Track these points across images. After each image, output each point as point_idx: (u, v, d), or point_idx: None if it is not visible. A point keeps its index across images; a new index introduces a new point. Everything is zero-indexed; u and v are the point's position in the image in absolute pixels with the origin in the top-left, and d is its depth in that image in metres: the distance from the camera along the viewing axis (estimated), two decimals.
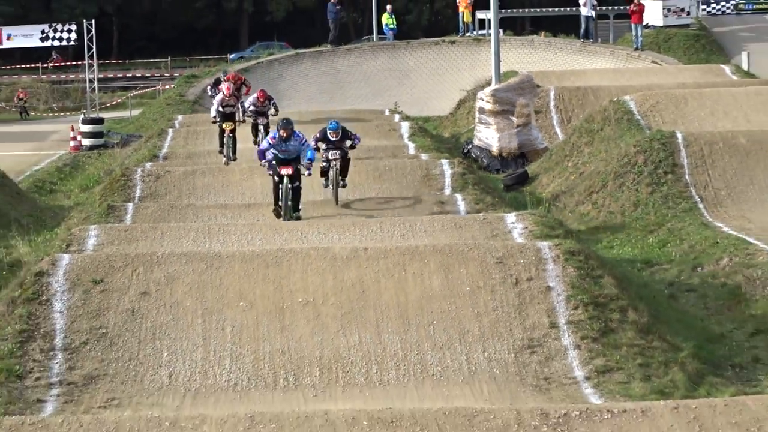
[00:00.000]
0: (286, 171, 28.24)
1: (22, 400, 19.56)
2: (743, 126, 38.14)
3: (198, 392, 20.07)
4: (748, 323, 23.26)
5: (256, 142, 36.70)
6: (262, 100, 37.65)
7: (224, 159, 36.70)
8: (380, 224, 27.26)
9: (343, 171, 33.99)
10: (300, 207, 32.70)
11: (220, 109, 36.32)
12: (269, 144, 31.80)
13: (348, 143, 33.89)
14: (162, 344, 21.18)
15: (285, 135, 31.92)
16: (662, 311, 22.87)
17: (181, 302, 21.75)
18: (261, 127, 37.74)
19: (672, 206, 32.31)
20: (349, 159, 34.16)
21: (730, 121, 38.96)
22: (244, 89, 38.28)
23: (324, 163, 33.80)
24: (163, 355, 20.95)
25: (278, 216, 31.73)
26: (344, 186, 33.31)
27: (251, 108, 38.29)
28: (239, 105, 38.12)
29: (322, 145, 33.06)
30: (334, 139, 33.36)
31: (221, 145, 36.50)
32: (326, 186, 33.29)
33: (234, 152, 37.13)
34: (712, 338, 22.35)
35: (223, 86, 36.76)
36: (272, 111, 38.63)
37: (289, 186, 32.03)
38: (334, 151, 33.18)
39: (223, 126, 35.19)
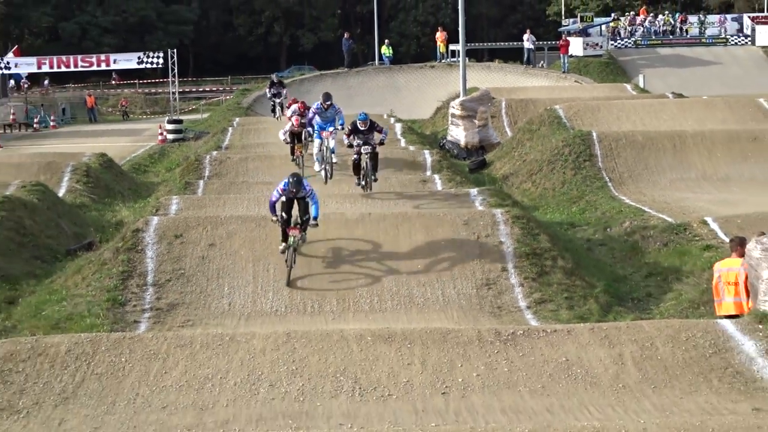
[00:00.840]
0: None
1: (123, 321, 19.99)
2: (639, 127, 38.48)
3: (249, 316, 20.43)
4: (643, 269, 23.45)
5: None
6: (302, 110, 34.04)
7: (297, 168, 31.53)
8: (381, 197, 27.49)
9: (374, 166, 29.47)
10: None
11: (287, 134, 32.63)
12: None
13: (377, 137, 29.28)
14: (224, 281, 21.52)
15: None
16: (582, 260, 23.24)
17: (238, 251, 22.01)
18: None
19: (589, 184, 32.65)
20: (378, 153, 29.59)
21: (630, 124, 39.34)
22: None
23: (355, 156, 29.11)
24: (224, 289, 21.31)
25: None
26: (375, 180, 29.33)
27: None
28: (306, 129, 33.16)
29: (354, 140, 28.58)
30: (363, 128, 28.85)
31: (293, 157, 32.84)
32: (358, 184, 29.01)
33: (303, 165, 32.43)
34: (617, 279, 22.71)
35: (293, 119, 33.07)
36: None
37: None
38: (366, 147, 28.64)
39: (295, 148, 32.22)
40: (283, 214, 21.77)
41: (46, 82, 67.85)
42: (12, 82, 69.36)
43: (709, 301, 19.10)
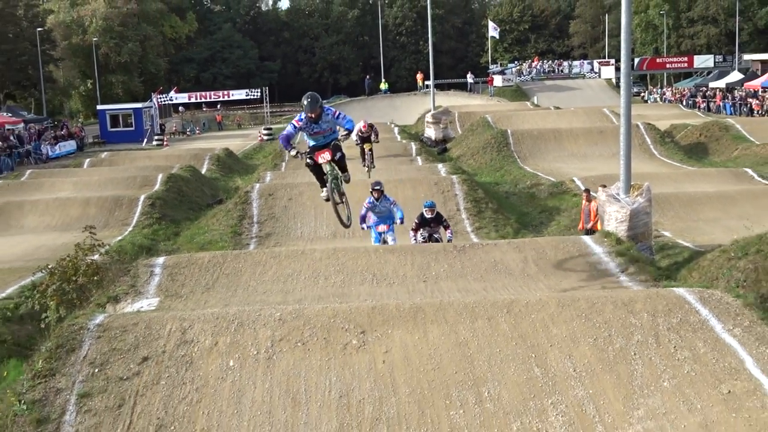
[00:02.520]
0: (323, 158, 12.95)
1: (239, 244, 20.22)
2: (535, 127, 38.55)
3: (312, 239, 20.52)
4: (538, 208, 23.56)
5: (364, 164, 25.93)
6: (365, 129, 25.88)
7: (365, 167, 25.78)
8: (386, 171, 27.27)
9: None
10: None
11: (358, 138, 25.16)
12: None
13: (443, 235, 16.62)
14: (297, 220, 21.48)
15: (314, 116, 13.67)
16: (502, 203, 23.36)
17: (305, 203, 21.87)
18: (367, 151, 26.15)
19: (505, 160, 32.62)
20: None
21: (529, 125, 39.35)
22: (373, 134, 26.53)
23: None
24: (297, 224, 21.31)
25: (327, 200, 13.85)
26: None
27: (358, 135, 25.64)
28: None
29: (421, 232, 16.44)
30: (429, 217, 16.43)
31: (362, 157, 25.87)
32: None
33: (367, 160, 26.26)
34: (523, 214, 22.77)
35: (359, 124, 24.81)
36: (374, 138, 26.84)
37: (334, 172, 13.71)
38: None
39: (363, 146, 25.53)
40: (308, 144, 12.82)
41: (181, 108, 67.66)
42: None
43: (575, 225, 19.23)
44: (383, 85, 70.92)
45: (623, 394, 8.39)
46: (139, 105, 61.48)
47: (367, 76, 73.43)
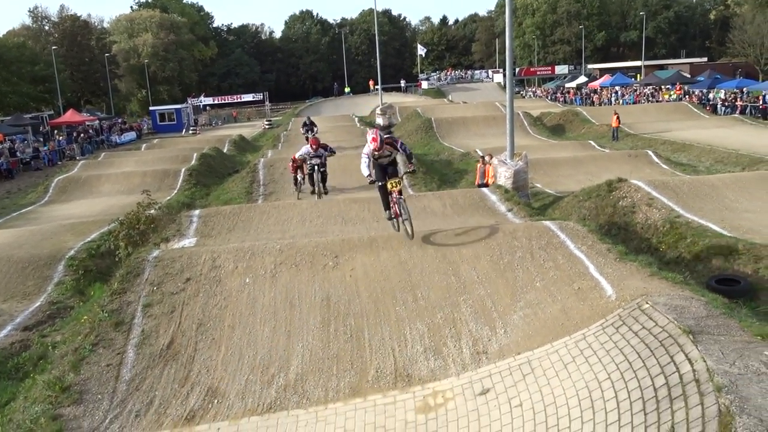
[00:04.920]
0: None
1: (251, 200, 19.59)
2: (450, 115, 38.20)
3: (302, 197, 20.18)
4: (453, 170, 23.24)
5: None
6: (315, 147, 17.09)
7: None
8: (351, 150, 27.00)
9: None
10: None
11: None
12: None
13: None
14: (289, 183, 21.11)
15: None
16: (429, 168, 22.86)
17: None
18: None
19: (432, 139, 32.37)
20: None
21: (447, 114, 38.93)
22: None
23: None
24: (291, 186, 21.01)
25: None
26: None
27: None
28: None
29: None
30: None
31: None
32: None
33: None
34: (442, 175, 22.19)
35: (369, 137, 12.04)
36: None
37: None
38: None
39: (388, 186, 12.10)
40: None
41: (208, 107, 66.50)
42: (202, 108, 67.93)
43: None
44: (347, 89, 70.44)
45: (510, 292, 8.46)
46: (179, 106, 60.45)
47: (335, 83, 73.19)
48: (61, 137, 42.40)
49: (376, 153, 9.63)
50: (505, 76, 42.65)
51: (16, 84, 57.03)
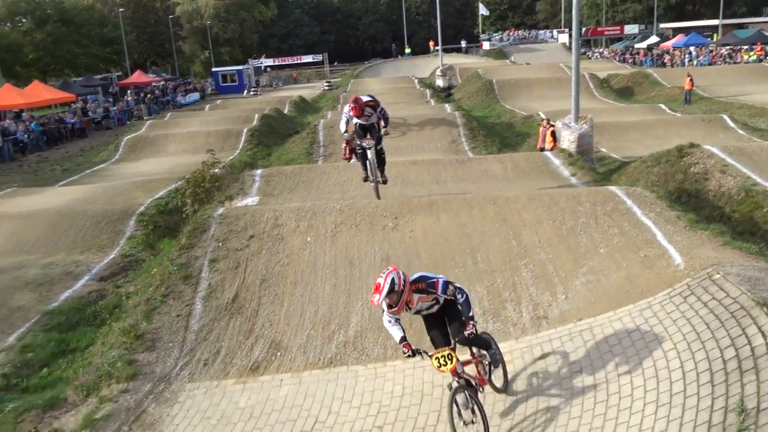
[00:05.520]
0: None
1: (311, 161, 19.61)
2: (512, 77, 37.08)
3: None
4: (515, 133, 22.76)
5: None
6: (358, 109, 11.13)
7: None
8: (406, 108, 26.70)
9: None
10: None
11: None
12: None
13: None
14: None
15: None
16: (489, 131, 22.39)
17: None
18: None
19: (492, 101, 31.60)
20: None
21: (509, 76, 37.77)
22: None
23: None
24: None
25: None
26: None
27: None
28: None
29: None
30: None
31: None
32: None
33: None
34: (503, 138, 21.86)
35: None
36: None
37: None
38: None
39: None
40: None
41: (268, 69, 67.04)
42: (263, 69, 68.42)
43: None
44: (407, 50, 69.61)
45: (572, 258, 8.30)
46: (240, 67, 61.05)
47: (394, 44, 72.59)
48: (129, 98, 43.70)
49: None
50: (570, 36, 41.16)
51: (86, 46, 58.87)
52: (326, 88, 50.81)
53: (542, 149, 16.97)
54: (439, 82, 40.95)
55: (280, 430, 6.14)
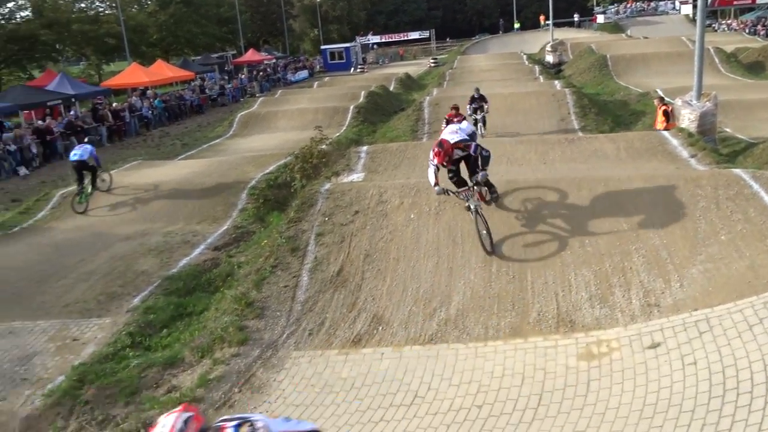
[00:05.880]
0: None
1: (416, 138, 19.63)
2: (628, 52, 34.93)
3: None
4: (628, 112, 21.50)
5: None
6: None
7: None
8: (515, 86, 26.08)
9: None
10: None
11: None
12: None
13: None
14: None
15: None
16: (601, 108, 21.36)
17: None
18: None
19: (605, 77, 29.98)
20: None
21: (624, 50, 35.51)
22: None
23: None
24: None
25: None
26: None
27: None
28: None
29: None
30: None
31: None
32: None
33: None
34: (616, 116, 20.73)
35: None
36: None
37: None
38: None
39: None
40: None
41: (375, 46, 67.36)
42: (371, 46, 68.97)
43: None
44: (516, 25, 67.86)
45: (689, 244, 7.86)
46: (347, 44, 61.83)
47: (501, 20, 70.90)
48: (243, 75, 45.57)
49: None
50: (695, 6, 38.28)
51: (204, 26, 61.79)
52: (432, 65, 50.45)
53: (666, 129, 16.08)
54: (549, 58, 39.50)
55: (380, 402, 6.28)
